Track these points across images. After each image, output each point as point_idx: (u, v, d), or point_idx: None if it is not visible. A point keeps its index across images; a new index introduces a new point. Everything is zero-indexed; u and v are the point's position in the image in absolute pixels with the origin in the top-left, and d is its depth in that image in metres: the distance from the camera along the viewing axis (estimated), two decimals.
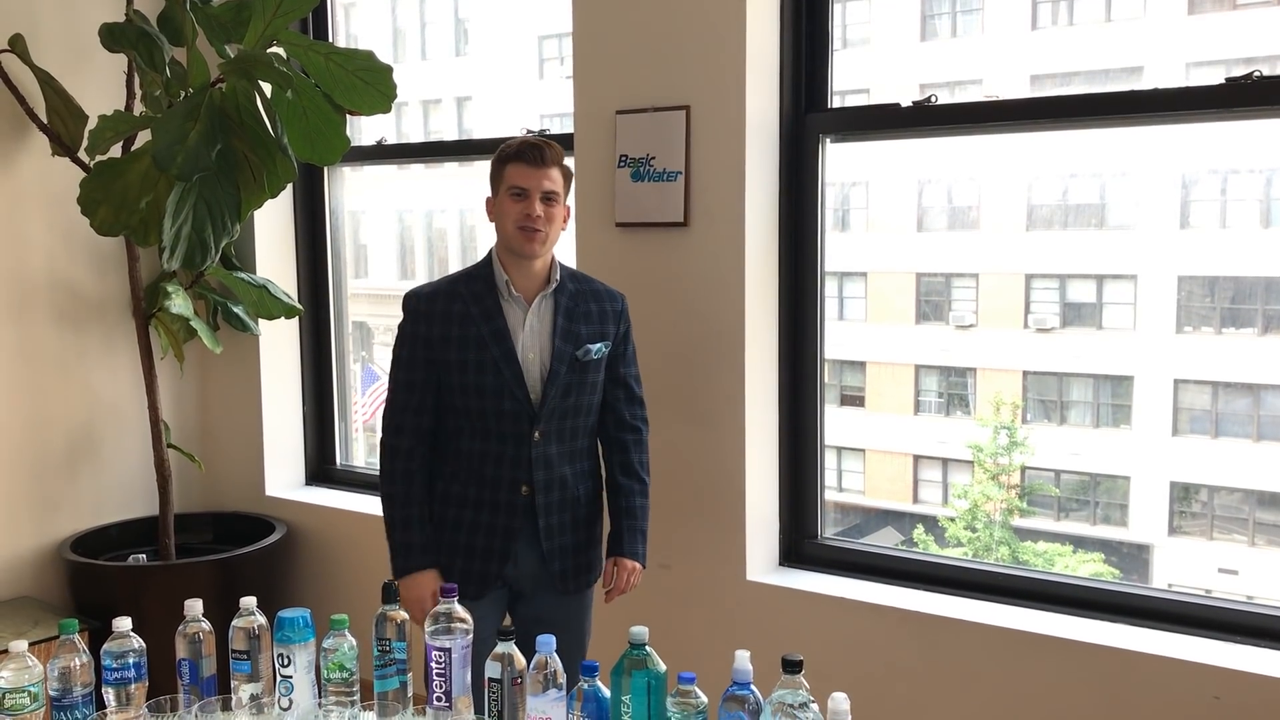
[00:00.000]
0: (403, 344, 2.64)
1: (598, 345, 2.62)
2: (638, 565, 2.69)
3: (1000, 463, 5.42)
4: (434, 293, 2.64)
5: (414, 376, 2.61)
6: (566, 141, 3.31)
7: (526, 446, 2.58)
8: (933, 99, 2.89)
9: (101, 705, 2.00)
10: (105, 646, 1.99)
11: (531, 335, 2.58)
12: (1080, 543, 5.15)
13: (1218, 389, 4.79)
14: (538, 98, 5.78)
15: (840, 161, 3.11)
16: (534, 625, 2.41)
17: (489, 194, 2.65)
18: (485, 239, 4.84)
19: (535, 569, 2.63)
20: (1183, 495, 5.00)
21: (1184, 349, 4.73)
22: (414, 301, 2.64)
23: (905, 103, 2.93)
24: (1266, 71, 2.47)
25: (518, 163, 2.55)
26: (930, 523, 5.52)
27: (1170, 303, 4.66)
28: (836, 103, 3.08)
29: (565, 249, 3.33)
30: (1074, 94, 2.77)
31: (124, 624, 2.02)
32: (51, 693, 1.94)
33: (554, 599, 2.66)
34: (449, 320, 2.58)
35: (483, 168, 3.64)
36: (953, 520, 5.45)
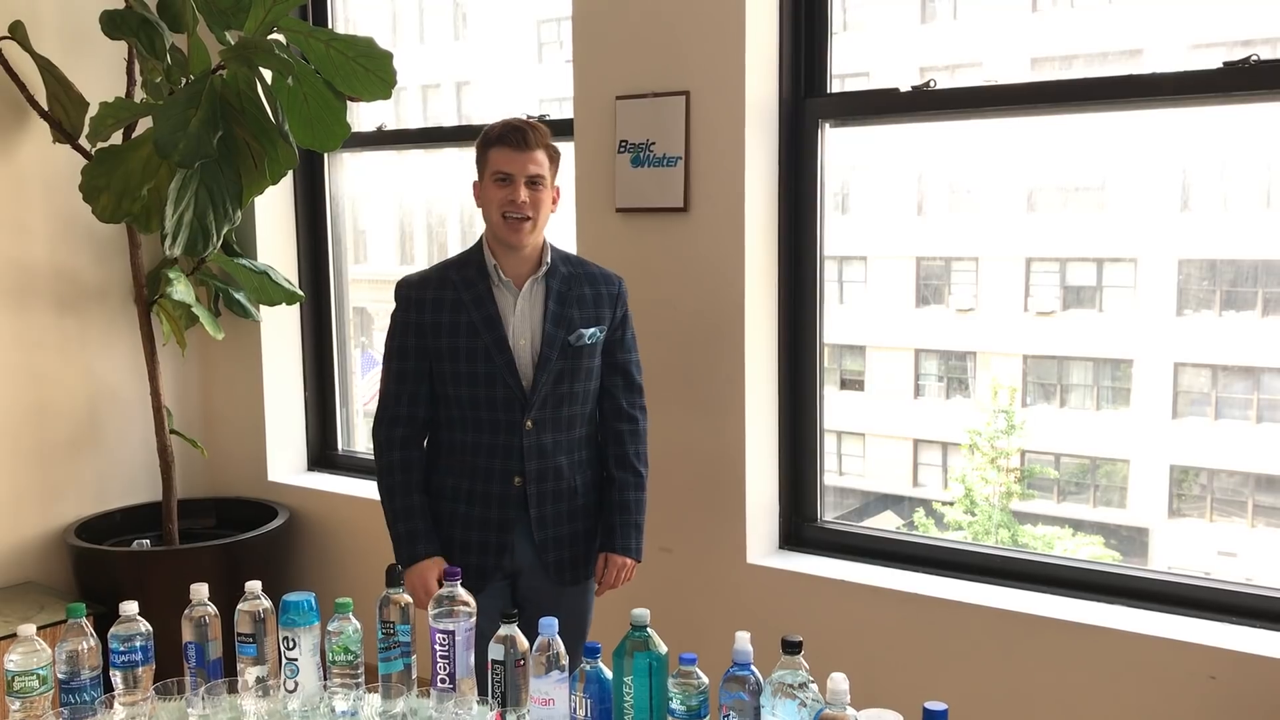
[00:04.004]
0: (394, 333, 2.61)
1: (591, 330, 2.57)
2: (629, 561, 2.64)
3: (999, 446, 5.43)
4: (424, 280, 2.61)
5: (405, 366, 2.58)
6: (566, 127, 3.32)
7: (518, 436, 2.53)
8: (932, 83, 2.89)
9: (109, 688, 2.02)
10: (112, 630, 2.01)
11: (522, 320, 2.54)
12: (1079, 526, 5.16)
13: (1217, 372, 4.80)
14: (537, 82, 5.77)
15: (840, 145, 3.12)
16: (535, 616, 2.43)
17: (475, 178, 2.59)
18: (481, 222, 4.85)
19: (532, 560, 2.60)
20: (1182, 478, 5.01)
21: (1184, 332, 4.73)
22: (405, 289, 2.61)
23: (904, 88, 2.93)
24: (1265, 55, 2.48)
25: (501, 147, 2.48)
26: (930, 507, 5.53)
27: (1170, 286, 4.66)
28: (836, 86, 3.08)
29: (566, 234, 3.34)
30: (1073, 78, 2.77)
31: (131, 608, 2.04)
32: (60, 676, 1.96)
33: (553, 590, 2.62)
34: (440, 307, 2.55)
35: None
36: (951, 504, 5.47)
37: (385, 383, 2.62)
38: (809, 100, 3.06)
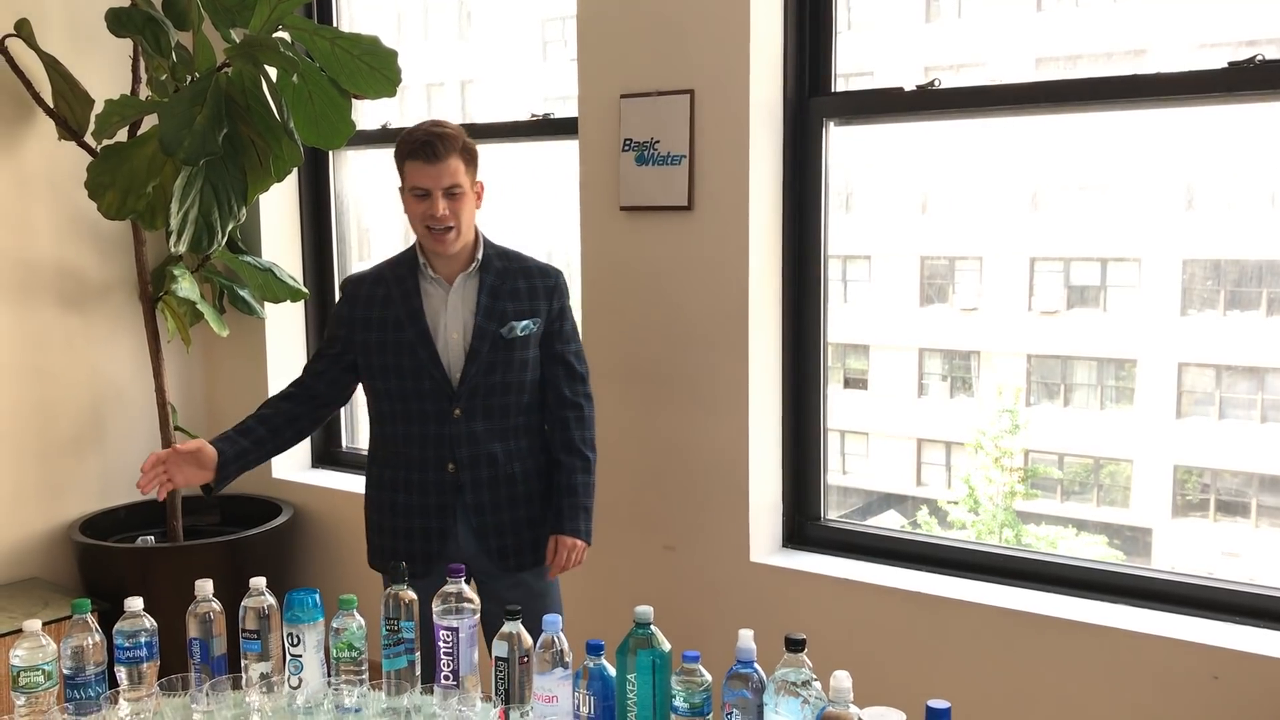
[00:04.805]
0: (329, 322, 2.79)
1: (524, 322, 2.64)
2: (579, 542, 2.70)
3: (1003, 446, 5.42)
4: (362, 278, 2.74)
5: (325, 350, 2.74)
6: (570, 125, 3.32)
7: (448, 424, 2.62)
8: (936, 83, 2.89)
9: (114, 684, 2.02)
10: (117, 626, 2.02)
11: (454, 314, 2.62)
12: (1083, 526, 5.15)
13: (1222, 372, 4.79)
14: (541, 81, 5.77)
15: (844, 144, 3.12)
16: (495, 606, 2.43)
17: (400, 185, 2.63)
18: (484, 221, 4.85)
19: (474, 546, 2.67)
20: (1186, 478, 5.00)
21: (1188, 332, 4.72)
22: (347, 285, 2.77)
23: (909, 87, 2.93)
24: (1270, 55, 2.48)
25: (414, 161, 2.54)
26: (933, 506, 5.53)
27: (1175, 285, 4.65)
28: (840, 85, 3.08)
29: (570, 232, 3.35)
30: (1077, 78, 2.76)
31: (136, 604, 2.05)
32: (65, 671, 1.97)
33: (509, 579, 2.68)
34: (371, 303, 2.66)
35: (485, 151, 3.65)
36: (955, 504, 5.46)
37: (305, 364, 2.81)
38: (813, 99, 3.06)
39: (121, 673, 2.02)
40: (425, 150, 2.52)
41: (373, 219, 4.41)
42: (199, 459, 2.53)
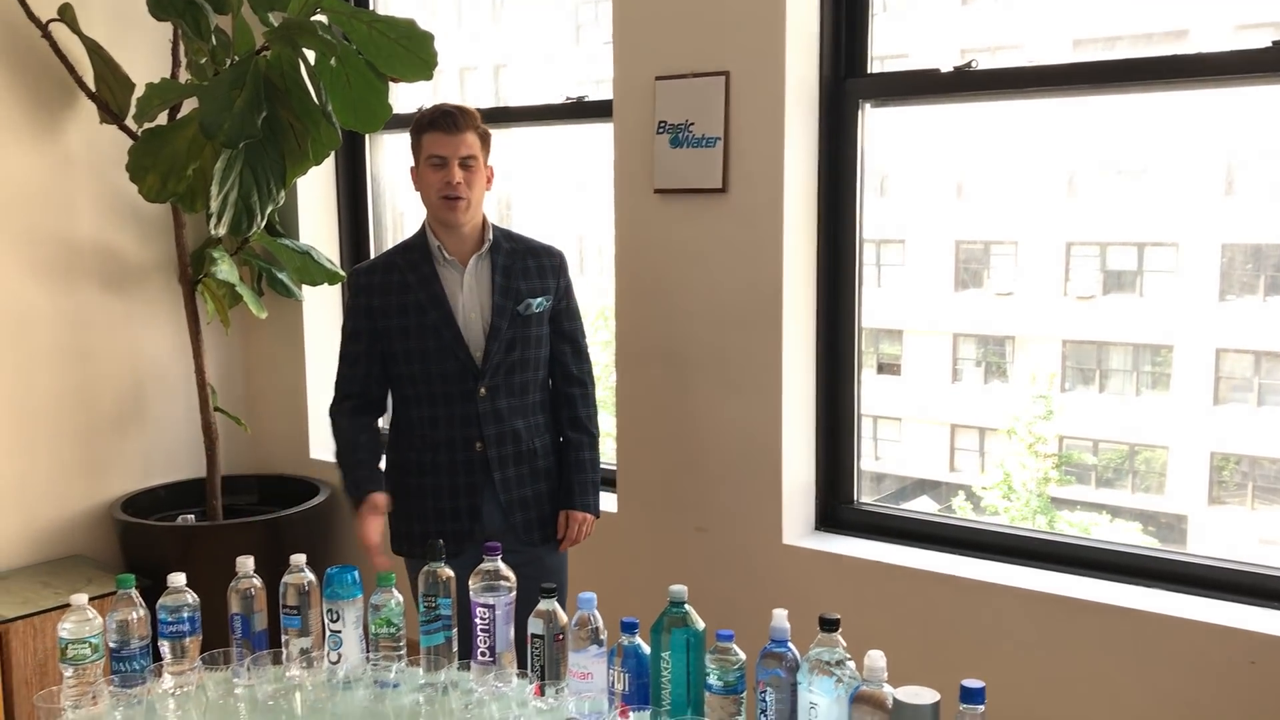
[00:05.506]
0: (347, 317, 2.78)
1: (539, 299, 2.72)
2: (589, 516, 2.80)
3: (1036, 432, 5.39)
4: (373, 267, 2.77)
5: (359, 349, 2.74)
6: (605, 108, 3.32)
7: (474, 403, 2.67)
8: (973, 64, 2.87)
9: (158, 657, 2.06)
10: (161, 601, 2.05)
11: (471, 295, 2.68)
12: (1117, 512, 5.12)
13: (1260, 358, 4.74)
14: (575, 64, 5.77)
15: (880, 127, 3.10)
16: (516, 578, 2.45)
17: (412, 164, 2.71)
18: (519, 205, 4.86)
19: (500, 523, 2.71)
20: (1223, 465, 4.96)
21: (1226, 317, 4.67)
22: (356, 277, 2.77)
23: (945, 68, 2.91)
24: None
25: (433, 131, 2.62)
26: (967, 492, 5.50)
27: (1213, 270, 4.60)
28: (876, 68, 3.07)
29: (604, 215, 3.35)
30: (1116, 59, 2.73)
31: (179, 579, 2.08)
32: (110, 644, 2.00)
33: (527, 552, 2.71)
34: (389, 290, 2.69)
35: (520, 135, 3.66)
36: (988, 489, 5.44)
37: (339, 367, 2.80)
38: (849, 81, 3.04)
39: (165, 646, 2.05)
40: (445, 120, 2.61)
41: (407, 202, 4.44)
42: (381, 508, 2.67)
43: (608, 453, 3.23)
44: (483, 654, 2.01)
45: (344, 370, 2.79)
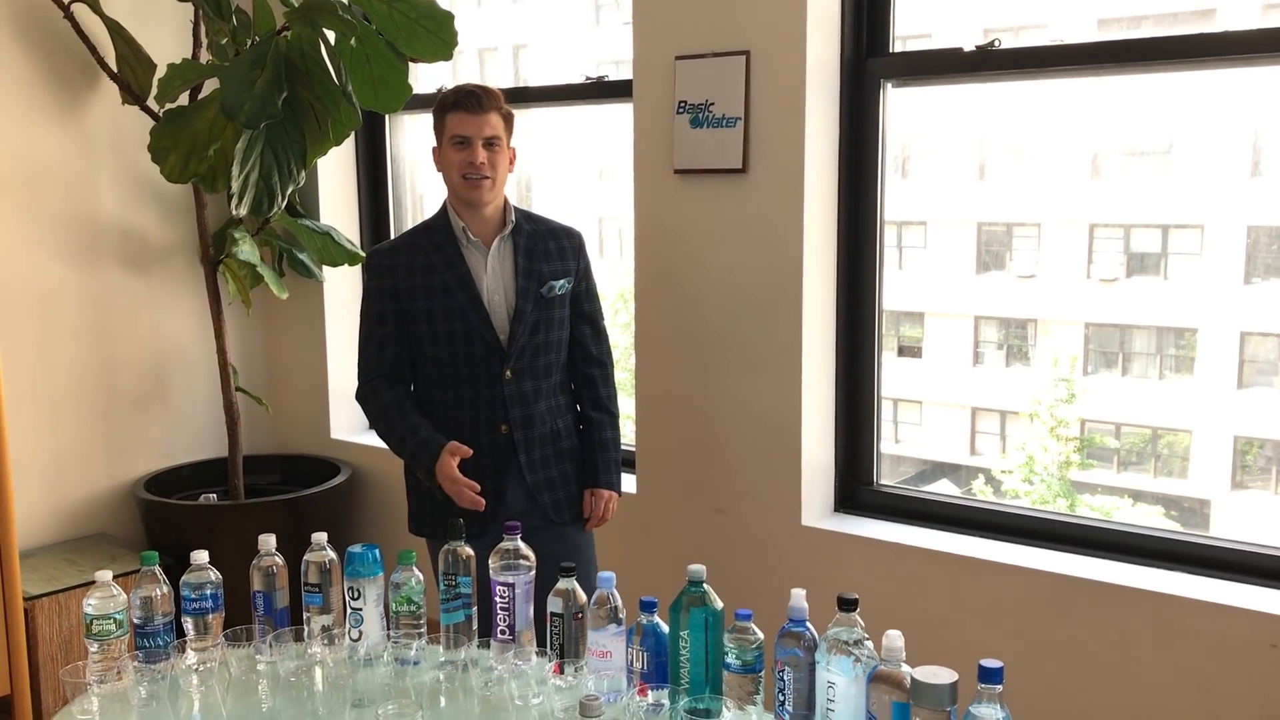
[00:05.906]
0: (369, 300, 2.72)
1: (561, 281, 2.72)
2: (614, 494, 2.81)
3: (1058, 415, 5.37)
4: (395, 248, 2.74)
5: (385, 331, 2.69)
6: (625, 88, 3.31)
7: (499, 385, 2.67)
8: (996, 43, 2.85)
9: (181, 634, 2.08)
10: (184, 578, 2.07)
11: (495, 277, 2.67)
12: (1139, 496, 5.09)
13: None
14: (594, 44, 5.75)
15: (901, 107, 3.08)
16: (542, 558, 2.46)
17: (434, 145, 2.70)
18: (541, 185, 4.86)
19: (526, 504, 2.71)
20: (1246, 449, 4.92)
21: (1252, 300, 4.63)
22: (377, 258, 2.73)
23: (968, 47, 2.89)
24: None
25: (457, 111, 2.61)
26: (988, 476, 5.49)
27: (1238, 253, 4.56)
28: (898, 47, 3.05)
29: (624, 195, 3.35)
30: (1140, 37, 2.70)
31: (201, 556, 2.10)
32: (135, 620, 2.02)
33: (552, 533, 2.72)
34: (413, 271, 2.66)
35: (538, 115, 3.65)
36: (1008, 473, 5.42)
37: (365, 350, 2.74)
38: (871, 60, 3.02)
39: (188, 623, 2.08)
40: (469, 100, 2.60)
41: (427, 183, 4.44)
42: (460, 450, 2.58)
43: (627, 434, 3.24)
44: (502, 632, 2.02)
45: (372, 353, 2.72)
